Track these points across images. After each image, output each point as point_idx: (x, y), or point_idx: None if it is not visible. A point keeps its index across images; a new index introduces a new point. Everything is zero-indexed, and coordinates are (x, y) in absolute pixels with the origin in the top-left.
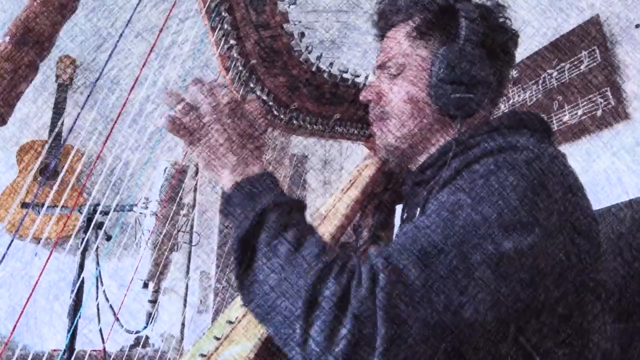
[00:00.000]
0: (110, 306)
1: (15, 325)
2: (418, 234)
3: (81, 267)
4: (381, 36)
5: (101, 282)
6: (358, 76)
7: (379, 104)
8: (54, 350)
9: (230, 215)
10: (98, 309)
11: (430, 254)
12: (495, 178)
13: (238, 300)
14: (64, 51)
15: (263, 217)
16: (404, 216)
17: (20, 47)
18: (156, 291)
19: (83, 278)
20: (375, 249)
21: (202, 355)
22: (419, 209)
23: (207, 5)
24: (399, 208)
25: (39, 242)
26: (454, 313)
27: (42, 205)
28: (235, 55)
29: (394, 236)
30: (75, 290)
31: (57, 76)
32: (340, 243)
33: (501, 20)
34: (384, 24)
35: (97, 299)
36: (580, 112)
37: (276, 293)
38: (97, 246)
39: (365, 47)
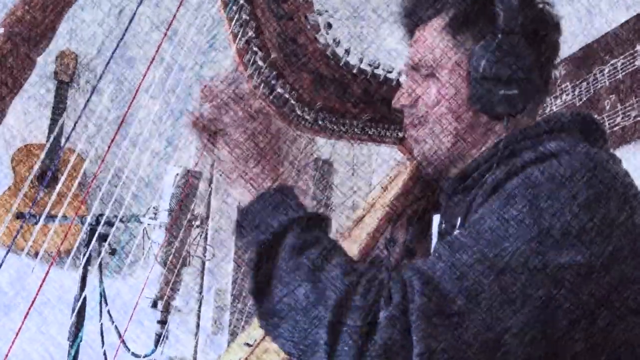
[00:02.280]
0: (115, 327)
1: (9, 349)
2: (458, 248)
3: (83, 284)
4: (410, 34)
5: (105, 300)
6: (391, 72)
7: (414, 109)
8: None
9: (245, 233)
10: (102, 331)
11: (472, 270)
12: (541, 189)
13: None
14: (64, 45)
15: (281, 236)
16: (442, 228)
17: (15, 41)
18: (166, 311)
19: (85, 296)
20: (409, 263)
21: None
22: (459, 219)
23: None
24: (436, 218)
25: (36, 257)
26: (497, 335)
27: (40, 215)
28: (254, 48)
29: (431, 249)
30: (76, 310)
31: (56, 73)
32: (370, 258)
33: (541, 6)
34: (412, 20)
35: (100, 319)
36: (634, 113)
37: (297, 320)
38: (101, 261)
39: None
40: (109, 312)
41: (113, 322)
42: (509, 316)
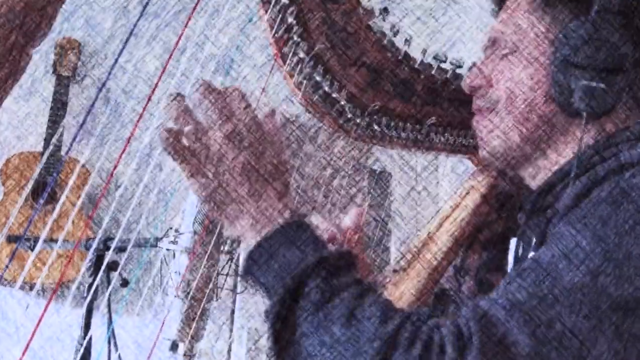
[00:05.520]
0: None
1: None
2: (524, 282)
3: (88, 322)
4: (498, 7)
5: (115, 343)
6: (460, 66)
7: (485, 92)
8: None
9: (257, 281)
10: None
11: (542, 313)
12: (625, 207)
13: None
14: (65, 33)
15: (301, 284)
16: (520, 253)
17: (6, 29)
18: (189, 355)
19: (90, 338)
20: (467, 304)
21: None
22: (534, 241)
23: None
24: (514, 242)
25: (31, 289)
26: None
27: (36, 239)
28: (295, 38)
29: None
30: (80, 355)
31: (56, 65)
32: (437, 290)
33: None
34: None
35: None
36: None
37: None
38: (110, 294)
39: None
40: (120, 357)
41: None
42: None
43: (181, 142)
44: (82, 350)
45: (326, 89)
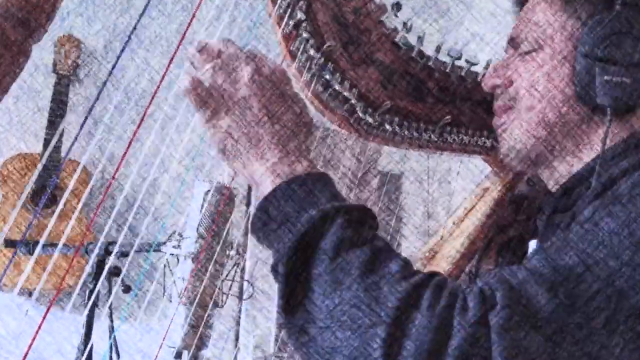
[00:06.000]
0: None
1: None
2: (546, 256)
3: (89, 330)
4: (519, 4)
5: (117, 351)
6: (476, 64)
7: (506, 91)
8: None
9: (269, 227)
10: None
11: (566, 278)
12: None
13: None
14: (65, 30)
15: (320, 225)
16: None
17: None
18: None
19: (92, 346)
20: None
21: None
22: None
23: None
24: (532, 246)
25: (30, 295)
26: (597, 354)
27: (35, 244)
28: (304, 34)
29: None
30: None
31: (56, 64)
32: None
33: None
34: None
35: None
36: None
37: (345, 332)
38: (111, 301)
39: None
40: None
41: None
42: (611, 332)
43: (202, 88)
44: (83, 358)
45: (336, 87)
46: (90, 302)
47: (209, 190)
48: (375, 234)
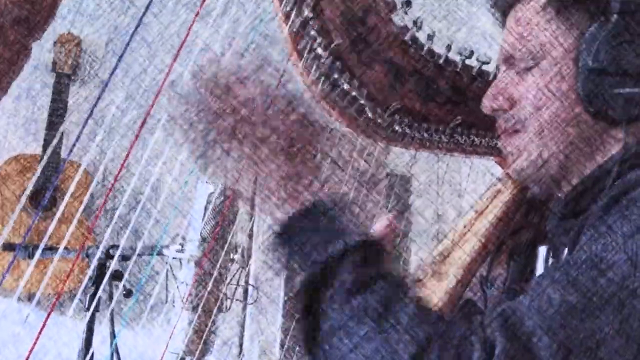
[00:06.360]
0: None
1: None
2: (552, 287)
3: (89, 336)
4: (503, 17)
5: (118, 358)
6: (487, 62)
7: (509, 112)
8: None
9: (287, 259)
10: None
11: (567, 319)
12: None
13: None
14: (65, 28)
15: (330, 272)
16: (550, 262)
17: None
18: None
19: (93, 353)
20: (494, 308)
21: None
22: (565, 250)
23: None
24: (542, 251)
25: (30, 300)
26: None
27: (35, 247)
28: (312, 32)
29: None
30: None
31: (55, 62)
32: (461, 303)
33: None
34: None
35: None
36: None
37: None
38: (113, 306)
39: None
40: None
41: None
42: None
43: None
44: None
45: (345, 87)
46: (91, 308)
47: (213, 192)
48: (387, 271)
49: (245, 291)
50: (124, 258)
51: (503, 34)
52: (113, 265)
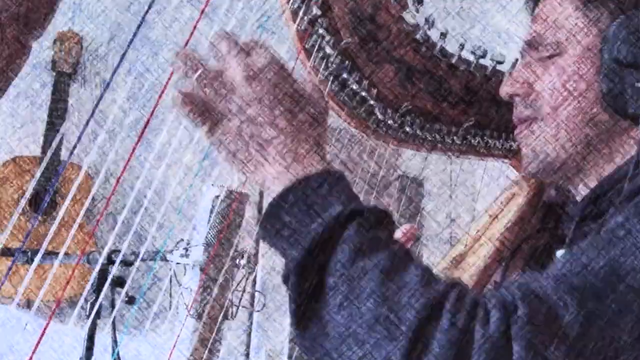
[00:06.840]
0: None
1: None
2: (573, 263)
3: (90, 344)
4: (533, 4)
5: None
6: (501, 62)
7: (527, 100)
8: None
9: (279, 233)
10: None
11: (596, 287)
12: None
13: None
14: (65, 26)
15: (335, 230)
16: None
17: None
18: None
19: None
20: (514, 279)
21: None
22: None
23: None
24: (560, 255)
25: (29, 307)
26: None
27: (34, 252)
28: (320, 31)
29: None
30: None
31: (55, 61)
32: None
33: None
34: None
35: None
36: None
37: (362, 345)
38: (115, 313)
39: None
40: None
41: None
42: (629, 345)
43: (196, 99)
44: None
45: (354, 87)
46: (92, 315)
47: (218, 196)
48: (392, 238)
49: (252, 298)
50: (127, 263)
51: (531, 21)
52: (115, 271)
